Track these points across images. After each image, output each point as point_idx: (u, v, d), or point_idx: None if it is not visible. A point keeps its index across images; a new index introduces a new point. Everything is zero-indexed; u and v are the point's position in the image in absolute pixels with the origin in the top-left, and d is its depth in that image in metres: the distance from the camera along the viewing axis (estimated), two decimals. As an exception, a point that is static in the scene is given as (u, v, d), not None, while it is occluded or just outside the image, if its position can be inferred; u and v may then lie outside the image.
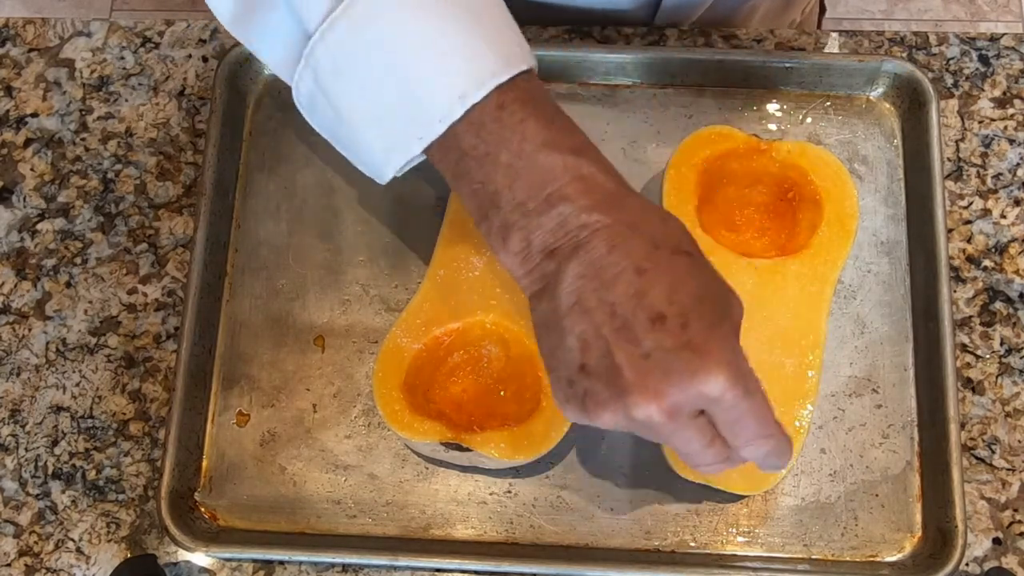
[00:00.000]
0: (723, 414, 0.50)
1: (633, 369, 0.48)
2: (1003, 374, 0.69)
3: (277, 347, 0.70)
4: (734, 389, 0.48)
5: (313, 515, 0.67)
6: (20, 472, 0.69)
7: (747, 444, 0.51)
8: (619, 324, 0.49)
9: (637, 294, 0.49)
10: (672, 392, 0.48)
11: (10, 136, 0.76)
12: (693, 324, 0.49)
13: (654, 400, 0.48)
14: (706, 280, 0.51)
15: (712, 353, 0.48)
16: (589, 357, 0.50)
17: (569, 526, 0.66)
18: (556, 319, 0.51)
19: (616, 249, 0.50)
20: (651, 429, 0.50)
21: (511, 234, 0.52)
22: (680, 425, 0.49)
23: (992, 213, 0.73)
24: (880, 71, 0.73)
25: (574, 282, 0.50)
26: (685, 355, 0.48)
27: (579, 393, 0.50)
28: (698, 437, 0.51)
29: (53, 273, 0.73)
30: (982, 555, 0.66)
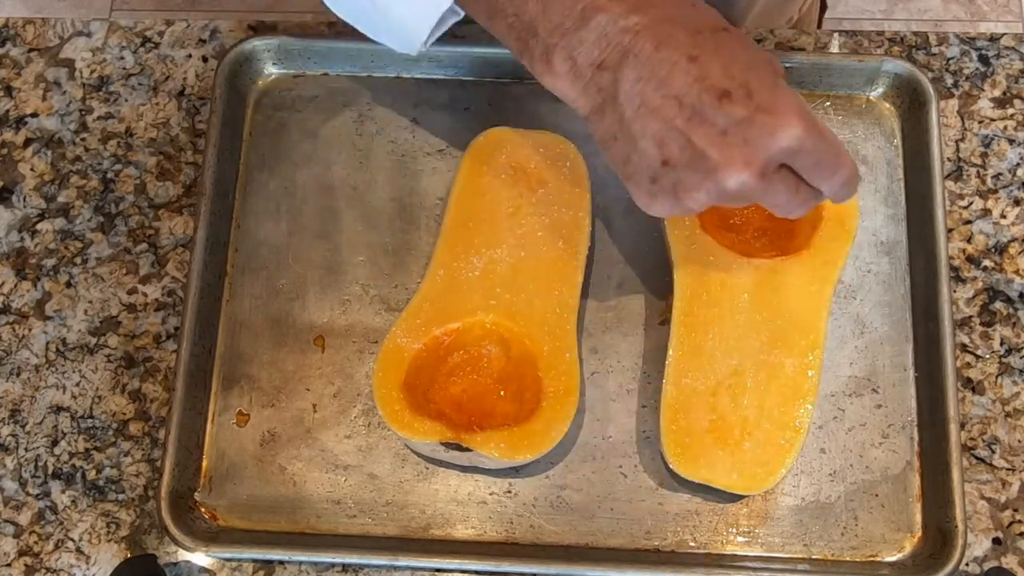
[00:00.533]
0: (805, 159, 0.52)
1: (716, 148, 0.51)
2: (1003, 374, 0.69)
3: (277, 347, 0.70)
4: (810, 134, 0.51)
5: (313, 515, 0.67)
6: (20, 472, 0.69)
7: (828, 180, 0.54)
8: (689, 113, 0.51)
9: (698, 80, 0.51)
10: (758, 156, 0.51)
11: (10, 136, 0.76)
12: (756, 90, 0.51)
13: (745, 168, 0.51)
14: (748, 47, 0.54)
15: (782, 109, 0.51)
16: (669, 151, 0.52)
17: (569, 526, 0.66)
18: (624, 127, 0.53)
19: (663, 45, 0.52)
20: (743, 196, 0.53)
21: (554, 56, 0.54)
22: (769, 183, 0.52)
23: (992, 213, 0.73)
24: (880, 71, 0.73)
25: (633, 87, 0.52)
26: (759, 119, 0.51)
27: (667, 187, 0.53)
28: (785, 189, 0.54)
29: (53, 273, 0.73)
30: (982, 555, 0.66)
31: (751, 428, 0.64)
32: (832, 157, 0.53)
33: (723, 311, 0.66)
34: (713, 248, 0.67)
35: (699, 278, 0.66)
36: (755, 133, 0.51)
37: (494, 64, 0.75)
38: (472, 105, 0.75)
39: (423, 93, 0.76)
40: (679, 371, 0.65)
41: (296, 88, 0.76)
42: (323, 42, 0.75)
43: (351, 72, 0.76)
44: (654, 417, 0.67)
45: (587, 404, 0.68)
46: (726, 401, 0.65)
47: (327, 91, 0.76)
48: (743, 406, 0.64)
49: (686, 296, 0.66)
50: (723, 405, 0.64)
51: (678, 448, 0.64)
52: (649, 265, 0.71)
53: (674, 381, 0.65)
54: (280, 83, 0.76)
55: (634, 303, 0.70)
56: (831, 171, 0.53)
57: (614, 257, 0.71)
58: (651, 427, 0.68)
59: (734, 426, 0.64)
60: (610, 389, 0.69)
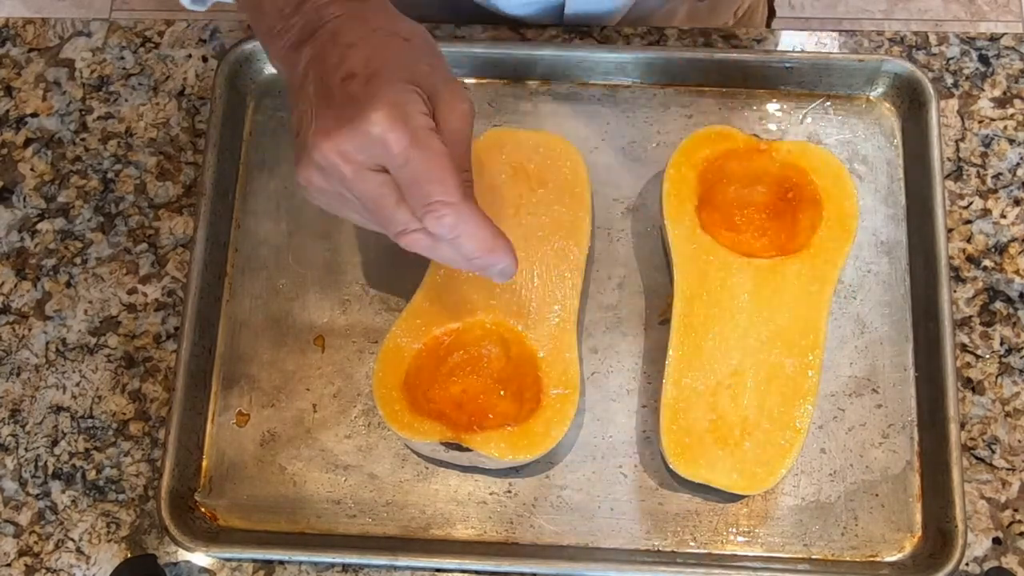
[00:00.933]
0: (398, 171, 0.51)
1: (319, 119, 0.52)
2: (1003, 374, 0.69)
3: (277, 347, 0.70)
4: (395, 131, 0.50)
5: (313, 515, 0.67)
6: (20, 472, 0.69)
7: (427, 211, 0.51)
8: (322, 90, 0.52)
9: (339, 62, 0.53)
10: (341, 133, 0.50)
11: (10, 136, 0.76)
12: (379, 79, 0.51)
13: (326, 139, 0.51)
14: (416, 58, 0.54)
15: (379, 96, 0.50)
16: (300, 125, 0.54)
17: (569, 526, 0.66)
18: (291, 102, 0.55)
19: (338, 35, 0.54)
20: (338, 179, 0.52)
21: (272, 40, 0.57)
22: (360, 175, 0.51)
23: (992, 213, 0.73)
24: (880, 71, 0.73)
25: (305, 66, 0.54)
26: (360, 101, 0.51)
27: (297, 158, 0.54)
28: (382, 192, 0.52)
29: (53, 273, 0.73)
30: (982, 555, 0.66)
31: (751, 428, 0.64)
32: (430, 179, 0.50)
33: (723, 311, 0.66)
34: (713, 248, 0.67)
35: (699, 278, 0.66)
36: (348, 112, 0.50)
37: (494, 64, 0.75)
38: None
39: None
40: (679, 371, 0.65)
41: (296, 88, 0.76)
42: (323, 42, 0.75)
43: (351, 72, 0.76)
44: (654, 417, 0.67)
45: (587, 404, 0.68)
46: (726, 401, 0.65)
47: (327, 91, 0.76)
48: (743, 406, 0.64)
49: (686, 296, 0.66)
50: (723, 405, 0.64)
51: (678, 448, 0.64)
52: (649, 265, 0.71)
53: (674, 381, 0.65)
54: (280, 83, 0.76)
55: (634, 303, 0.71)
56: (427, 197, 0.51)
57: (614, 257, 0.71)
58: (651, 427, 0.68)
59: (734, 426, 0.64)
60: (610, 389, 0.69)
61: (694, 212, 0.68)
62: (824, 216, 0.67)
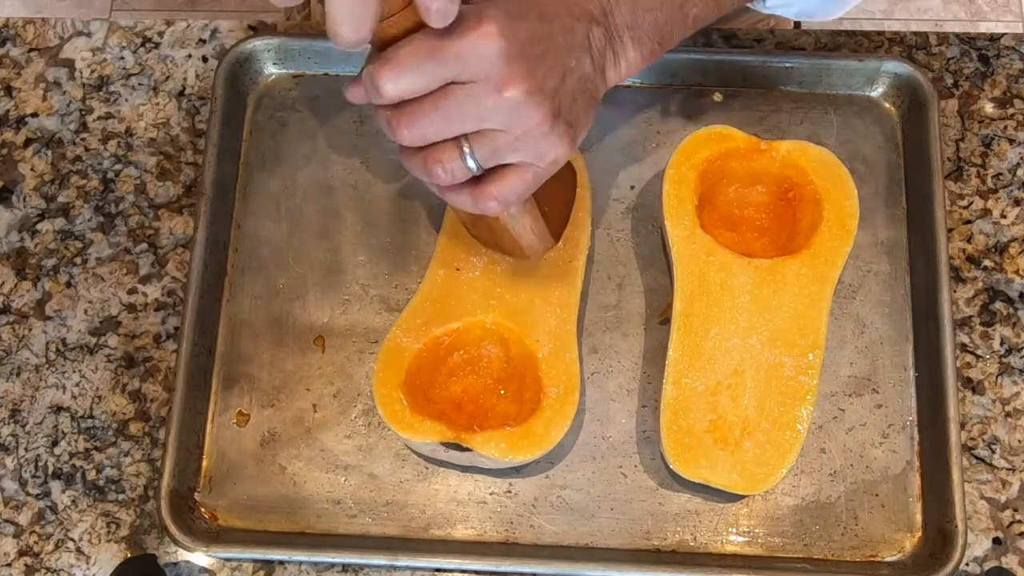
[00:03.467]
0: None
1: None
2: (1003, 374, 0.69)
3: (277, 347, 0.70)
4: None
5: (313, 515, 0.67)
6: (20, 472, 0.69)
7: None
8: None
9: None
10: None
11: (10, 136, 0.76)
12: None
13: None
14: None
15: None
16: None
17: (569, 526, 0.66)
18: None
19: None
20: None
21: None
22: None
23: (992, 213, 0.73)
24: (880, 71, 0.73)
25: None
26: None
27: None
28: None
29: (53, 273, 0.73)
30: (982, 555, 0.66)
31: (751, 428, 0.64)
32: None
33: (723, 311, 0.66)
34: (713, 248, 0.67)
35: (699, 278, 0.66)
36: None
37: (494, 64, 0.75)
38: (472, 105, 0.75)
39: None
40: (679, 371, 0.65)
41: (296, 88, 0.76)
42: (323, 42, 0.75)
43: (351, 72, 0.76)
44: (654, 417, 0.67)
45: (587, 404, 0.68)
46: (726, 401, 0.65)
47: (327, 91, 0.76)
48: (743, 406, 0.64)
49: (686, 296, 0.66)
50: (723, 405, 0.64)
51: (678, 448, 0.64)
52: (649, 265, 0.71)
53: (674, 381, 0.65)
54: (280, 83, 0.76)
55: (634, 303, 0.71)
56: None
57: (614, 257, 0.71)
58: (651, 427, 0.68)
59: (734, 426, 0.64)
60: (610, 389, 0.69)
61: (694, 212, 0.68)
62: (824, 216, 0.67)
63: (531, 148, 0.54)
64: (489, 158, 0.54)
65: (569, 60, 0.54)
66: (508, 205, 0.56)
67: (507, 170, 0.55)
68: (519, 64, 0.51)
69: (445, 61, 0.50)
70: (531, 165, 0.55)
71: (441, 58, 0.50)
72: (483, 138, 0.53)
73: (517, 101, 0.51)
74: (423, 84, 0.51)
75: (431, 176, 0.55)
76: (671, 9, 0.59)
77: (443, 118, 0.52)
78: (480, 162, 0.54)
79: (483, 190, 0.55)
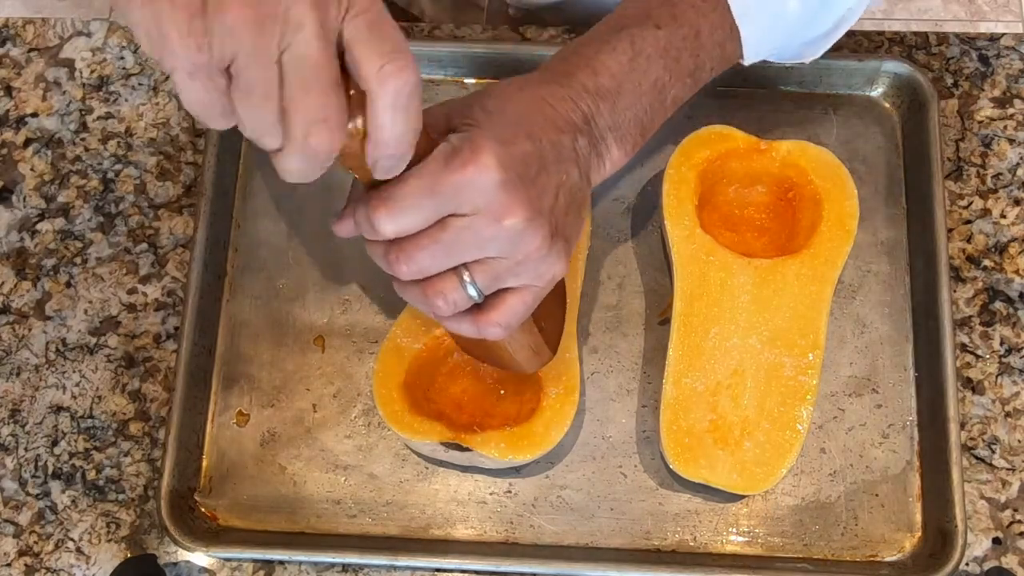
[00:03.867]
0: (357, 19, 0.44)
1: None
2: (1003, 374, 0.69)
3: (277, 347, 0.70)
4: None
5: (313, 515, 0.67)
6: (20, 472, 0.69)
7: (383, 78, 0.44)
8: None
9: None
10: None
11: (10, 136, 0.76)
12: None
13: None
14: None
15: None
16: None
17: (569, 526, 0.66)
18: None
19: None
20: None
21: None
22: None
23: (992, 213, 0.73)
24: (880, 71, 0.73)
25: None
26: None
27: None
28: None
29: (53, 273, 0.73)
30: (982, 555, 0.66)
31: (751, 428, 0.64)
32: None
33: (723, 311, 0.66)
34: (713, 248, 0.67)
35: (699, 278, 0.66)
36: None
37: (494, 64, 0.75)
38: (472, 105, 0.75)
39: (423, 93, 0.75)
40: (679, 371, 0.65)
41: (296, 88, 0.76)
42: (323, 42, 0.75)
43: (351, 72, 0.76)
44: (654, 417, 0.67)
45: (587, 404, 0.68)
46: (726, 401, 0.65)
47: (327, 91, 0.76)
48: (743, 406, 0.64)
49: (686, 296, 0.66)
50: (723, 405, 0.64)
51: (678, 448, 0.64)
52: (649, 265, 0.71)
53: (674, 381, 0.65)
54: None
55: (634, 303, 0.71)
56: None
57: (614, 257, 0.71)
58: (651, 427, 0.68)
59: (734, 426, 0.64)
60: (610, 389, 0.69)
61: (694, 212, 0.68)
62: (824, 216, 0.67)
63: (531, 270, 0.53)
64: (490, 285, 0.53)
65: (560, 175, 0.54)
66: (511, 329, 0.56)
67: (508, 294, 0.54)
68: (517, 191, 0.51)
69: (444, 197, 0.50)
70: (531, 286, 0.54)
71: (440, 194, 0.49)
72: (483, 266, 0.52)
73: (517, 229, 0.51)
74: (422, 221, 0.50)
75: (433, 308, 0.54)
76: (650, 99, 0.58)
77: (443, 251, 0.51)
78: (481, 290, 0.53)
79: (487, 317, 0.55)
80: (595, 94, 0.56)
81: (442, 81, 0.76)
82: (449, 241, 0.51)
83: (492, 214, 0.50)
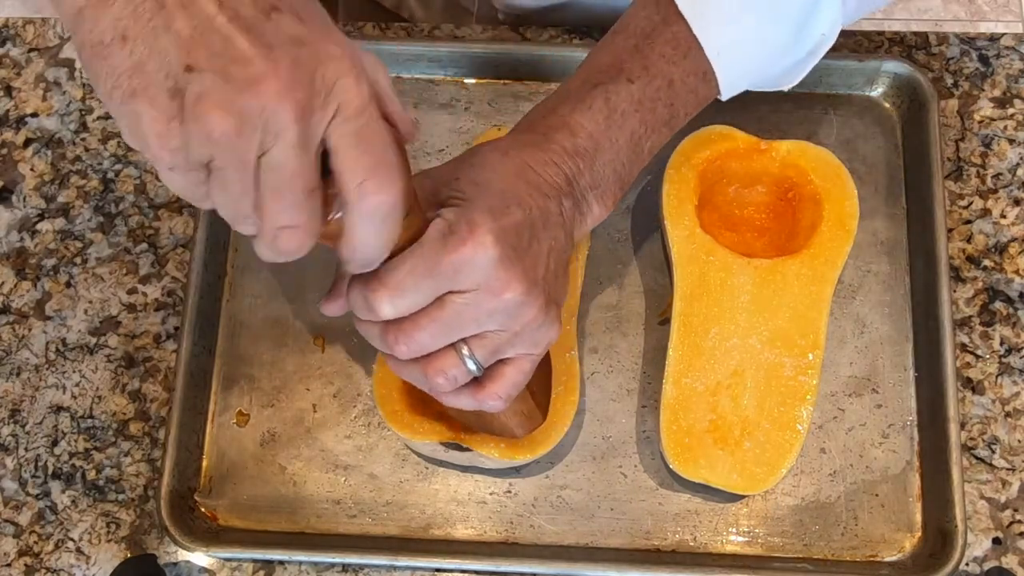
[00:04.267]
0: (344, 126, 0.43)
1: (261, 56, 0.41)
2: (1003, 374, 0.69)
3: (277, 347, 0.70)
4: (358, 83, 0.43)
5: (313, 515, 0.67)
6: (20, 472, 0.69)
7: (362, 194, 0.44)
8: (231, 14, 0.41)
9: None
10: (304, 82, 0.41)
11: (10, 136, 0.76)
12: (308, 20, 0.43)
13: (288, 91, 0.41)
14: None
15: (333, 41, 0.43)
16: (198, 53, 0.41)
17: (569, 526, 0.66)
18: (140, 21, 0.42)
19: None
20: (274, 131, 0.41)
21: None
22: (311, 136, 0.42)
23: (992, 213, 0.73)
24: (880, 71, 0.73)
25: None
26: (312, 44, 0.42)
27: (189, 103, 0.41)
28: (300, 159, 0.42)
29: (53, 273, 0.73)
30: (982, 555, 0.66)
31: (751, 428, 0.64)
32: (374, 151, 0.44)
33: (723, 311, 0.66)
34: (713, 248, 0.67)
35: (699, 278, 0.66)
36: (306, 55, 0.42)
37: (494, 64, 0.75)
38: (472, 105, 0.75)
39: (423, 93, 0.76)
40: (679, 371, 0.65)
41: (296, 88, 0.76)
42: (323, 42, 0.75)
43: (351, 72, 0.76)
44: (654, 417, 0.67)
45: (587, 404, 0.68)
46: (726, 401, 0.65)
47: (327, 91, 0.76)
48: (743, 406, 0.64)
49: (686, 296, 0.66)
50: (723, 405, 0.64)
51: (678, 448, 0.64)
52: (649, 265, 0.71)
53: (674, 381, 0.65)
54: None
55: (634, 303, 0.70)
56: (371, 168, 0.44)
57: (614, 257, 0.71)
58: (651, 427, 0.68)
59: (734, 426, 0.64)
60: (610, 389, 0.69)
61: (694, 212, 0.68)
62: (824, 216, 0.67)
63: (528, 339, 0.54)
64: (489, 358, 0.53)
65: (549, 240, 0.54)
66: (511, 399, 0.56)
67: (505, 366, 0.55)
68: (514, 266, 0.51)
69: (444, 277, 0.50)
70: (528, 354, 0.55)
71: (440, 275, 0.49)
72: (482, 340, 0.52)
73: (516, 302, 0.51)
74: (421, 301, 0.50)
75: (433, 386, 0.54)
76: (627, 153, 0.58)
77: (443, 329, 0.51)
78: (481, 363, 0.53)
79: (487, 391, 0.55)
80: (574, 155, 0.56)
81: (442, 81, 0.76)
82: (449, 319, 0.51)
83: (491, 290, 0.50)
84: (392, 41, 0.76)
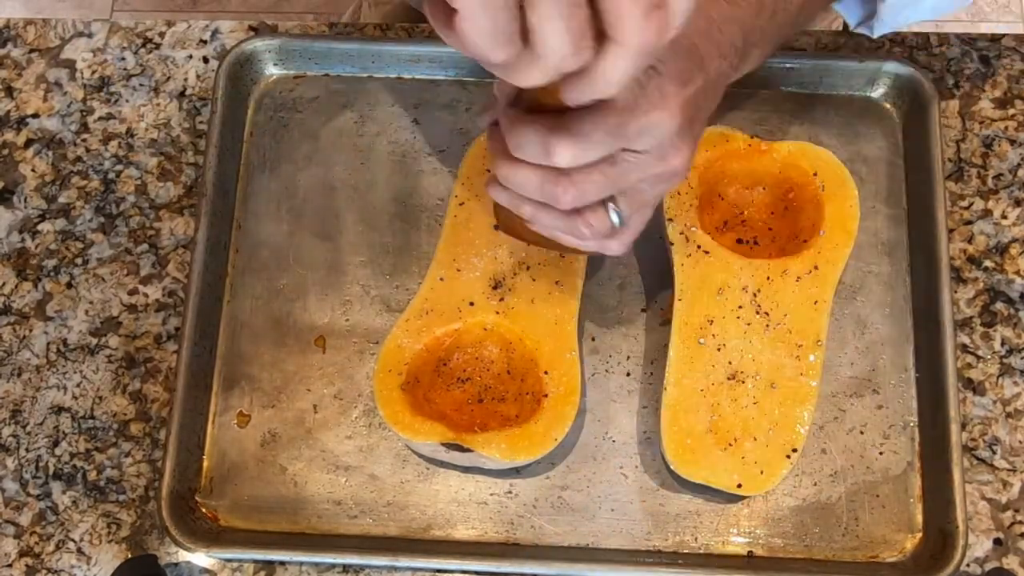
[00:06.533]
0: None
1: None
2: (1004, 374, 0.69)
3: (278, 348, 0.70)
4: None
5: (314, 515, 0.67)
6: (21, 473, 0.69)
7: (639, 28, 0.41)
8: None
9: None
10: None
11: (11, 137, 0.76)
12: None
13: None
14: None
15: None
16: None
17: (570, 526, 0.66)
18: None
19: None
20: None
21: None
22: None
23: (993, 213, 0.73)
24: (880, 71, 0.73)
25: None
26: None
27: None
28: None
29: (54, 274, 0.73)
30: (983, 555, 0.66)
31: (752, 429, 0.64)
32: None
33: (723, 311, 0.66)
34: (713, 248, 0.67)
35: (699, 278, 0.66)
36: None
37: (495, 65, 0.75)
38: (472, 105, 0.75)
39: (423, 93, 0.76)
40: (679, 371, 0.65)
41: (297, 89, 0.76)
42: (323, 43, 0.75)
43: (352, 73, 0.76)
44: (655, 418, 0.67)
45: (588, 405, 0.68)
46: (727, 402, 0.65)
47: (328, 92, 0.76)
48: (744, 407, 0.64)
49: (686, 296, 0.66)
50: (724, 406, 0.64)
51: (679, 449, 0.64)
52: (649, 265, 0.71)
53: (675, 381, 0.65)
54: (281, 84, 0.76)
55: (634, 303, 0.71)
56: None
57: (615, 258, 0.71)
58: (652, 428, 0.68)
59: (735, 427, 0.64)
60: (611, 390, 0.69)
61: (695, 212, 0.68)
62: (825, 217, 0.67)
63: (663, 192, 0.56)
64: (633, 214, 0.55)
65: (713, 103, 0.56)
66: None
67: (634, 214, 0.56)
68: (687, 135, 0.52)
69: (627, 138, 0.50)
70: (653, 204, 0.57)
71: (624, 135, 0.50)
72: (632, 196, 0.54)
73: (678, 169, 0.53)
74: (599, 156, 0.51)
75: (575, 233, 0.55)
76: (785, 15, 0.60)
77: (609, 184, 0.52)
78: (624, 217, 0.55)
79: (619, 239, 0.56)
80: (759, 11, 0.57)
81: (443, 81, 0.76)
82: (616, 175, 0.52)
83: (661, 156, 0.52)
84: (393, 42, 0.76)
